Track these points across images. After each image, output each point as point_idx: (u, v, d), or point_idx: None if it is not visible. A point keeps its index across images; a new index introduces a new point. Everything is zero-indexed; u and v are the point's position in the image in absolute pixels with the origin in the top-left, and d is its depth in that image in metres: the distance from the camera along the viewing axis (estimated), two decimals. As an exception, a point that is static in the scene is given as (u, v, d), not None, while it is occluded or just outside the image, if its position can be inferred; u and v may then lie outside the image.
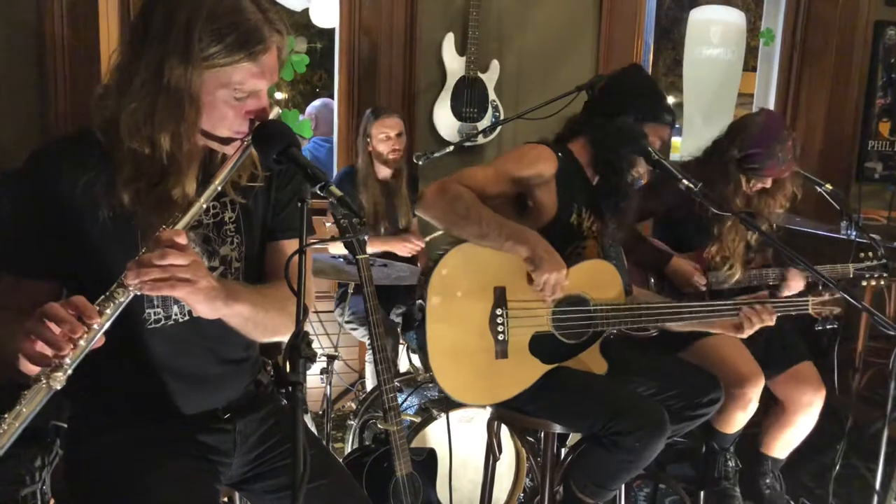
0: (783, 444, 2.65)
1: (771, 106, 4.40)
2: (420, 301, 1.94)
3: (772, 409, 2.64)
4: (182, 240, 1.19)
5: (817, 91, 4.30)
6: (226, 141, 1.33)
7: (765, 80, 4.48)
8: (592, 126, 2.16)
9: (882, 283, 2.48)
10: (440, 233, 3.17)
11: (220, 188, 1.28)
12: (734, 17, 4.35)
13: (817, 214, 3.77)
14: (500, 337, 1.99)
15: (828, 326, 2.38)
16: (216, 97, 1.27)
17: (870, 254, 2.47)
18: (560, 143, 2.20)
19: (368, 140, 3.25)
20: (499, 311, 1.99)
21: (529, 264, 1.94)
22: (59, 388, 1.08)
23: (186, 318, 1.43)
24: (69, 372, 1.09)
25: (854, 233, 2.91)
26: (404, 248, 3.23)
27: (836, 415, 3.00)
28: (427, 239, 3.30)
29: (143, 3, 1.30)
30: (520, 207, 2.14)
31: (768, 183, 2.52)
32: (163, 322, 1.41)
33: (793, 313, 2.28)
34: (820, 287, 2.37)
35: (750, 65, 4.56)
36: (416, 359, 2.92)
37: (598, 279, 2.10)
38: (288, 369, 0.97)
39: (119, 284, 1.16)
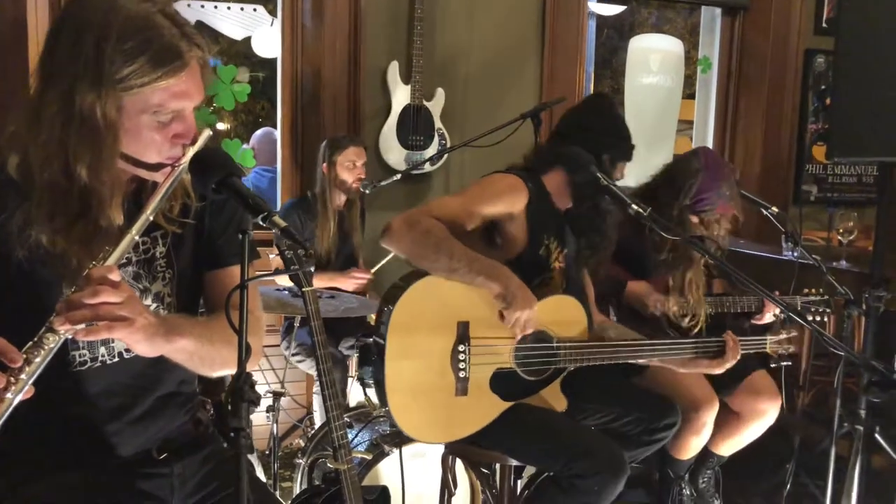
0: (730, 445, 2.66)
1: (710, 132, 4.52)
2: (379, 335, 1.86)
3: (725, 414, 2.62)
4: (115, 276, 1.10)
5: (754, 117, 4.42)
6: (155, 167, 1.25)
7: (703, 106, 4.59)
8: (571, 161, 2.13)
9: (825, 318, 2.54)
10: (387, 260, 3.13)
11: (151, 218, 1.19)
12: (672, 46, 4.46)
13: (759, 236, 3.86)
14: (462, 374, 1.93)
15: (782, 364, 2.43)
16: (139, 123, 1.19)
17: (813, 290, 2.52)
18: (531, 173, 2.16)
19: (333, 168, 3.19)
20: (461, 348, 1.93)
21: (501, 301, 1.88)
22: None
23: (116, 359, 1.33)
24: None
25: (796, 254, 2.97)
26: (351, 284, 3.17)
27: (784, 433, 3.04)
28: (374, 270, 3.25)
29: (51, 27, 1.22)
30: (488, 239, 2.09)
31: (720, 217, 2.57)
32: (89, 364, 1.32)
33: (751, 352, 2.33)
34: (778, 324, 2.43)
35: (688, 92, 4.67)
36: (370, 391, 2.84)
37: (563, 315, 2.07)
38: (230, 413, 0.90)
39: (48, 329, 1.07)
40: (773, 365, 2.47)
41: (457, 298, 1.92)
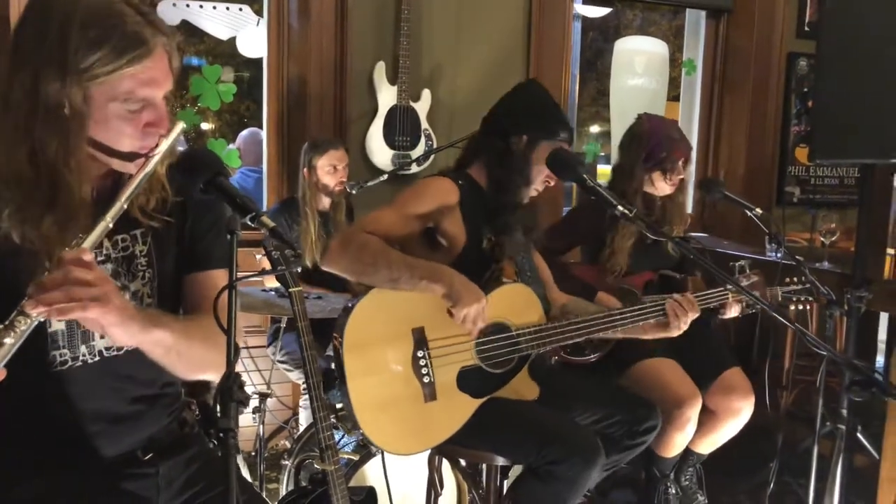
0: (708, 443, 2.68)
1: (695, 133, 4.55)
2: (336, 357, 1.86)
3: (701, 412, 2.63)
4: (88, 257, 1.10)
5: (738, 119, 4.46)
6: (129, 157, 1.24)
7: (688, 108, 4.62)
8: (486, 148, 2.14)
9: (808, 307, 2.56)
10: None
11: (126, 206, 1.18)
12: (657, 48, 4.49)
13: (743, 237, 3.90)
14: (426, 379, 1.93)
15: (750, 311, 2.46)
16: (108, 112, 1.19)
17: (794, 279, 2.55)
18: (460, 170, 2.17)
19: (313, 172, 3.18)
20: (420, 353, 1.93)
21: (447, 300, 1.88)
22: None
23: (97, 358, 1.32)
24: None
25: (780, 255, 3.00)
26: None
27: (767, 433, 3.07)
28: None
29: (20, 16, 1.22)
30: (430, 242, 2.08)
31: (683, 170, 2.64)
32: (70, 364, 1.30)
33: (713, 305, 2.36)
34: (737, 273, 2.45)
35: (673, 94, 4.71)
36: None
37: (516, 303, 2.07)
38: (219, 414, 0.90)
39: (19, 312, 1.05)
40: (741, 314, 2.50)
41: (407, 306, 1.92)
